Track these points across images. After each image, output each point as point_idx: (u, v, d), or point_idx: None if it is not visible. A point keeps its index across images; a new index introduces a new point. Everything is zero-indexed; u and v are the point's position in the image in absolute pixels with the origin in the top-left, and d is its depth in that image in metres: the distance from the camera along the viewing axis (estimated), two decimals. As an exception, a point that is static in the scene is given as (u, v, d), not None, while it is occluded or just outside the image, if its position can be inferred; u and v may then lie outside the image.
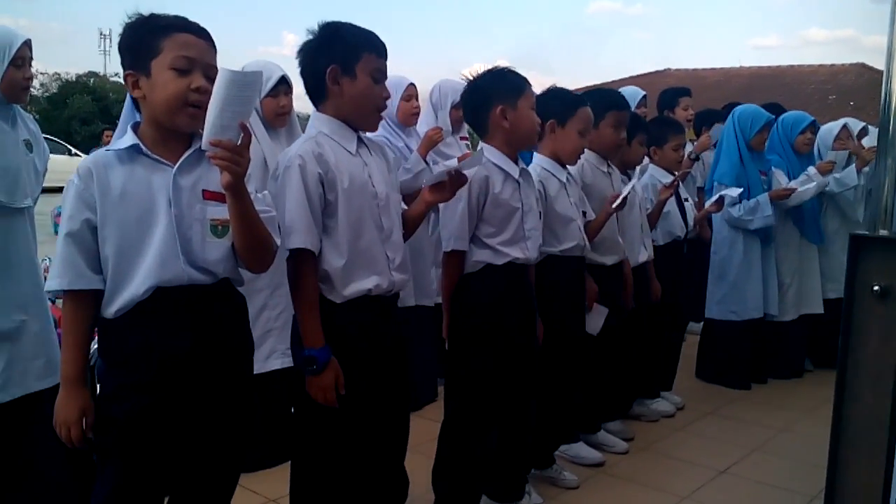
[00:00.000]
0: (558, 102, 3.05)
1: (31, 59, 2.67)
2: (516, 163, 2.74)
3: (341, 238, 2.15)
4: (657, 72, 27.71)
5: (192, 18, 1.89)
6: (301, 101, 3.03)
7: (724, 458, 3.61)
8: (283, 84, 3.30)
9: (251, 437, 2.02)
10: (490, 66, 2.73)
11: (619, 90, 5.35)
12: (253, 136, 1.79)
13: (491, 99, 2.68)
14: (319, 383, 2.11)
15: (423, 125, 4.19)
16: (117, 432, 1.78)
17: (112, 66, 39.36)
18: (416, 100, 4.13)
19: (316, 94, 2.25)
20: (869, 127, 5.39)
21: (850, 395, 1.91)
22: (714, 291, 4.71)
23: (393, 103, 3.91)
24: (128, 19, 1.86)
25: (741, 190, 4.36)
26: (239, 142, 1.69)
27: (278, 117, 3.33)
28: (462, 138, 4.39)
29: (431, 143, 3.87)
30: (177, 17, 1.84)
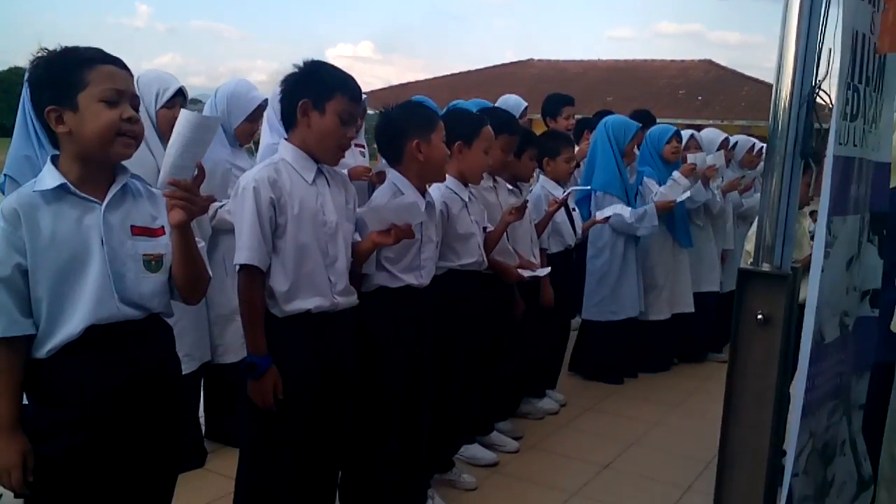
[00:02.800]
0: (464, 123, 3.16)
1: None
2: (423, 195, 2.85)
3: (287, 259, 2.34)
4: (521, 61, 28.43)
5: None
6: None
7: (606, 452, 3.90)
8: (179, 95, 3.26)
9: (178, 462, 2.06)
10: (402, 102, 2.88)
11: (502, 98, 5.58)
12: (145, 146, 1.81)
13: (406, 132, 2.79)
14: (259, 388, 2.31)
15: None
16: (53, 470, 1.77)
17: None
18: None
19: (287, 121, 2.43)
20: (738, 140, 5.87)
21: (734, 410, 2.12)
22: (592, 294, 4.99)
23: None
24: (37, 55, 1.81)
25: (630, 210, 4.64)
26: (191, 181, 1.74)
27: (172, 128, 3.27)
28: (357, 145, 4.43)
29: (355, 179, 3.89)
30: (96, 50, 1.82)
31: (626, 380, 5.08)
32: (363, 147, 4.58)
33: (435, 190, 3.11)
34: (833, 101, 1.91)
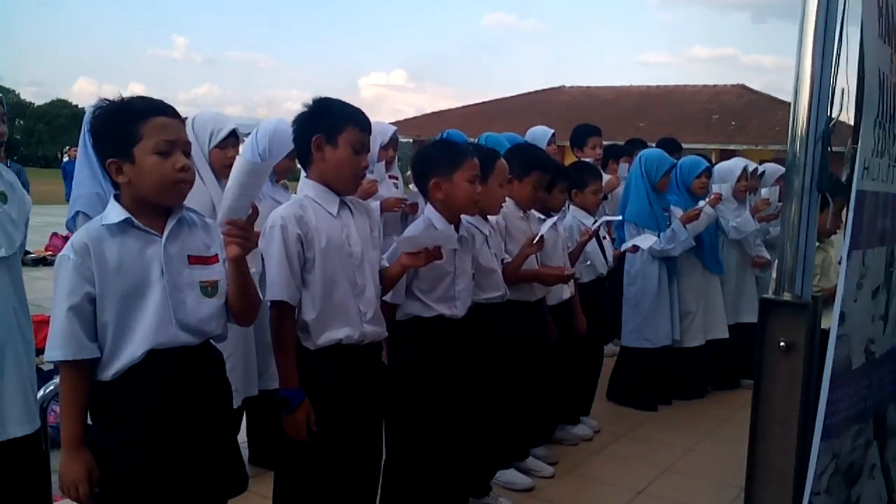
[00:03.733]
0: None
1: (5, 114, 2.75)
2: (457, 228, 2.97)
3: (317, 291, 2.42)
4: (552, 88, 28.58)
5: (76, 18, 2.02)
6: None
7: (640, 478, 3.95)
8: (232, 136, 3.43)
9: (229, 482, 2.20)
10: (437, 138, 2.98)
11: (530, 131, 5.73)
12: (200, 181, 1.98)
13: (428, 171, 2.93)
14: (292, 421, 2.39)
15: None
16: (119, 486, 1.93)
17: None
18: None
19: (303, 159, 2.54)
20: (767, 168, 5.91)
21: (761, 433, 2.20)
22: (628, 321, 5.08)
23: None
24: (98, 106, 2.00)
25: (655, 239, 4.74)
26: (246, 218, 1.93)
27: (225, 168, 3.44)
28: (391, 177, 4.60)
29: (367, 195, 4.06)
30: (150, 102, 1.98)
31: (660, 407, 5.13)
32: (397, 179, 4.75)
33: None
34: (859, 139, 2.00)
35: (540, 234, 3.49)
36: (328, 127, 2.46)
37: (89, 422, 1.99)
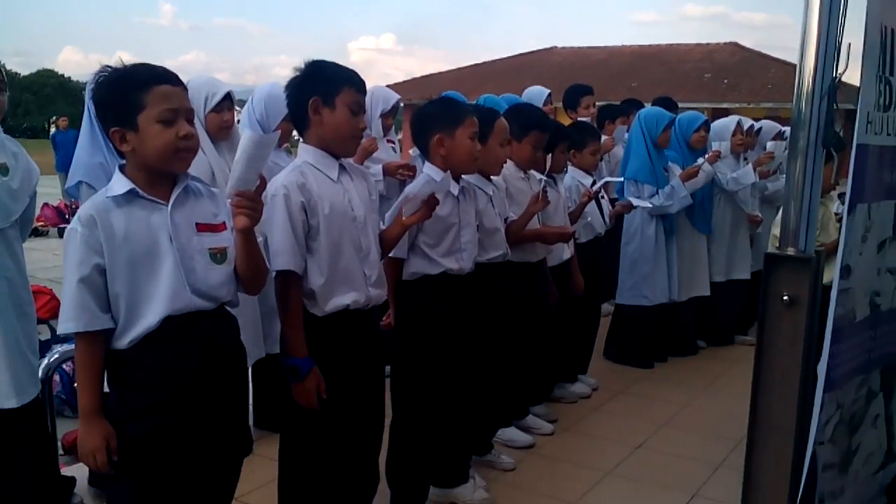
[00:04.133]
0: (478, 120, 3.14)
1: (4, 83, 2.78)
2: (458, 181, 2.98)
3: (323, 259, 2.41)
4: (544, 49, 28.38)
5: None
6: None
7: (638, 433, 4.02)
8: (227, 100, 3.42)
9: (246, 443, 2.23)
10: (434, 97, 2.96)
11: (526, 91, 5.71)
12: (201, 150, 1.97)
13: (430, 127, 2.92)
14: (302, 389, 2.38)
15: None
16: (138, 451, 1.95)
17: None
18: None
19: (300, 124, 2.50)
20: (763, 125, 5.92)
21: (763, 386, 2.24)
22: (626, 279, 5.13)
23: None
24: (100, 74, 1.98)
25: (650, 204, 4.78)
26: (254, 189, 1.93)
27: (221, 131, 3.45)
28: (389, 141, 4.59)
29: (367, 153, 4.06)
30: (152, 70, 1.97)
31: (655, 364, 5.20)
32: (394, 143, 4.74)
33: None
34: (860, 93, 2.00)
35: (543, 189, 3.53)
36: (324, 89, 2.41)
37: (106, 390, 2.00)
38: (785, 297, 2.13)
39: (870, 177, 2.02)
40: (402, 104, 4.80)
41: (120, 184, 1.96)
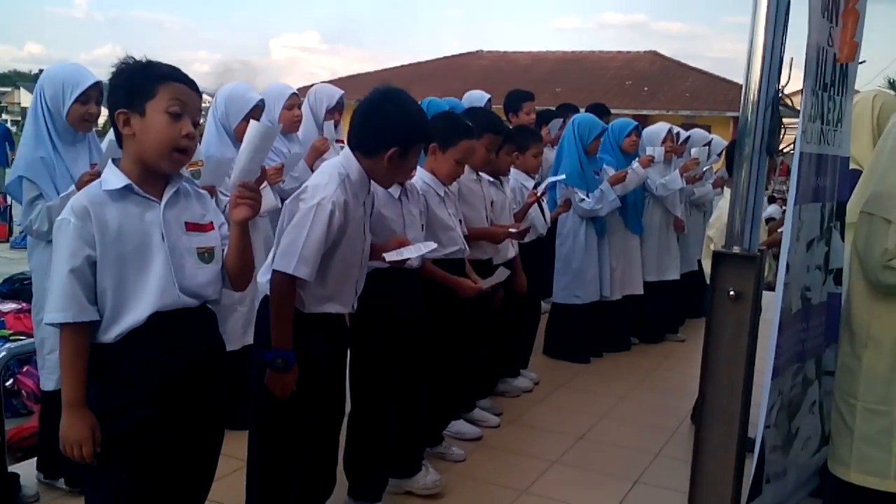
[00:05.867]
0: (445, 129, 3.31)
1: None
2: (402, 184, 3.06)
3: (330, 274, 2.49)
4: (470, 53, 28.61)
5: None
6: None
7: (580, 424, 4.20)
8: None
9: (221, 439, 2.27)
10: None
11: (467, 95, 5.84)
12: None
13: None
14: (281, 380, 2.43)
15: (302, 129, 4.39)
16: (120, 446, 1.97)
17: None
18: (299, 109, 4.34)
19: (371, 150, 2.56)
20: (693, 133, 6.24)
21: (711, 375, 2.39)
22: (560, 279, 5.33)
23: (276, 111, 4.15)
24: (122, 62, 2.00)
25: (563, 175, 5.01)
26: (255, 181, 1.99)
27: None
28: (339, 141, 4.63)
29: (318, 153, 4.12)
30: (173, 69, 2.01)
31: (591, 359, 5.42)
32: (343, 143, 4.79)
33: (417, 182, 3.31)
34: (800, 105, 2.18)
35: (547, 183, 3.95)
36: (405, 142, 2.53)
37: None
38: (731, 293, 2.28)
39: (803, 182, 2.20)
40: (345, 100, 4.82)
41: (115, 177, 1.97)
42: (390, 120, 2.51)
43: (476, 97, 5.79)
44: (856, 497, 2.37)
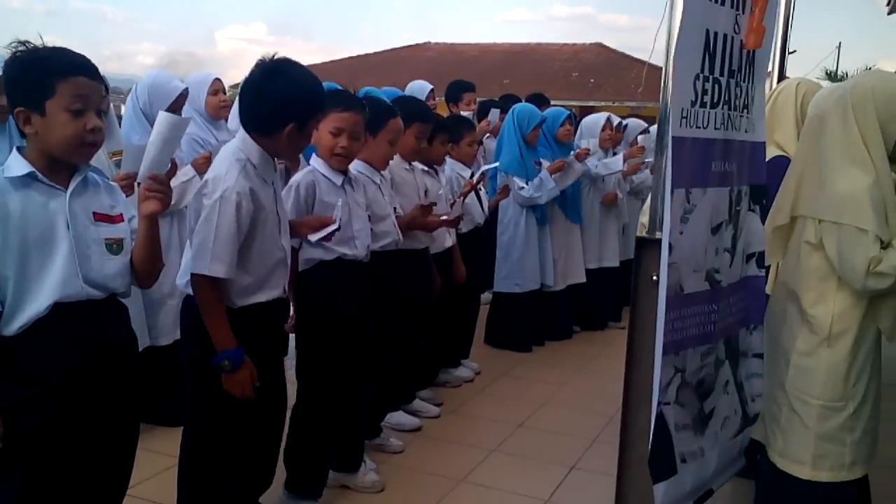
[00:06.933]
0: (371, 113, 3.23)
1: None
2: (345, 172, 3.04)
3: (253, 262, 2.40)
4: (418, 45, 28.55)
5: None
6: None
7: (519, 412, 4.23)
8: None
9: (137, 436, 2.22)
10: None
11: (409, 85, 5.83)
12: None
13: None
14: (237, 380, 2.36)
15: (232, 116, 4.32)
16: (24, 442, 1.91)
17: None
18: (224, 93, 4.27)
19: (266, 129, 2.41)
20: (629, 122, 6.31)
21: (636, 359, 2.42)
22: (501, 268, 5.35)
23: (201, 98, 4.09)
24: (12, 50, 1.93)
25: (497, 164, 5.07)
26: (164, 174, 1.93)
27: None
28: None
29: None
30: (69, 59, 1.93)
31: (534, 348, 5.46)
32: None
33: (352, 172, 3.28)
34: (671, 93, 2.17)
35: (482, 171, 3.90)
36: (302, 115, 2.40)
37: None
38: (654, 277, 2.31)
39: (688, 166, 2.20)
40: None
41: (19, 165, 1.92)
42: (283, 95, 2.37)
43: (418, 87, 5.80)
44: (801, 489, 2.39)
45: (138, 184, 2.01)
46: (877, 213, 2.20)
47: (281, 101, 2.37)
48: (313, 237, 2.76)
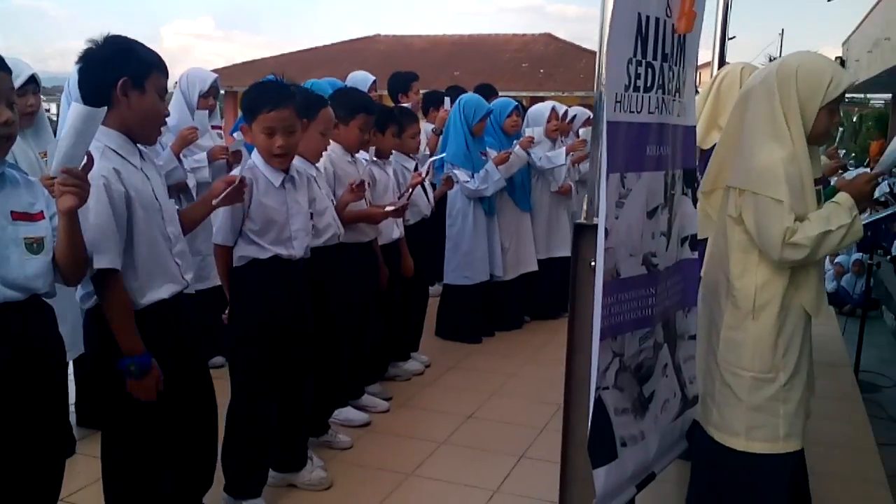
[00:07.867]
0: (303, 105, 3.12)
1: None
2: (286, 172, 2.98)
3: (137, 253, 2.28)
4: (367, 37, 28.39)
5: None
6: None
7: (469, 404, 4.22)
8: (32, 83, 3.22)
9: (67, 442, 2.15)
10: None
11: (351, 76, 5.77)
12: None
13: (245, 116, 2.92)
14: (143, 386, 2.27)
15: (174, 113, 4.22)
16: None
17: None
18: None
19: (100, 103, 2.10)
20: (576, 112, 6.32)
21: (575, 345, 2.42)
22: (450, 260, 5.34)
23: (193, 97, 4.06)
24: None
25: (475, 182, 5.06)
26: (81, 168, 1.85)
27: (25, 117, 3.24)
28: (214, 127, 4.50)
29: (186, 142, 3.99)
30: None
31: (484, 339, 5.45)
32: (220, 129, 4.66)
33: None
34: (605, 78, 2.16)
35: (429, 163, 4.04)
36: (135, 70, 2.24)
37: None
38: (592, 263, 2.32)
39: (623, 150, 2.21)
40: (223, 90, 4.72)
41: None
42: (106, 53, 2.26)
43: (360, 78, 5.72)
44: (737, 461, 2.43)
45: (53, 178, 1.92)
46: (790, 186, 2.27)
47: (106, 60, 2.25)
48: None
